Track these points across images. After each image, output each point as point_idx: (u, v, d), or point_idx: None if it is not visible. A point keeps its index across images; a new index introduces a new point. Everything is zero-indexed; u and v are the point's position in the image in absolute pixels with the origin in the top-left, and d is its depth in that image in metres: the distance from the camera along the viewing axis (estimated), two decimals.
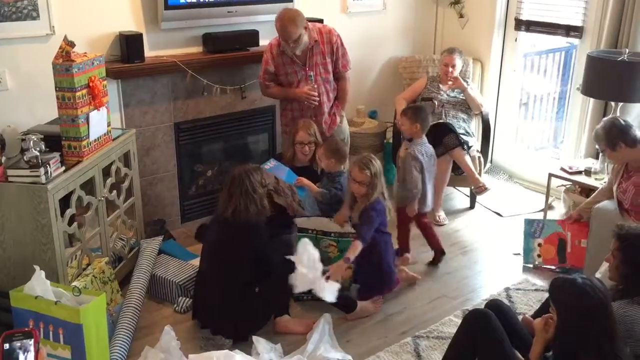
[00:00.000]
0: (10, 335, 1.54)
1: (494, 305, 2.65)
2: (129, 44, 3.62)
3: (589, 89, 3.92)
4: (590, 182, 3.89)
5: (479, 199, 4.55)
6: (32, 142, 2.77)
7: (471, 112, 4.56)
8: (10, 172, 2.79)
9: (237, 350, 2.74)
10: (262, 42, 4.13)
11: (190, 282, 3.33)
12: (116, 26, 3.69)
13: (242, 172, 3.04)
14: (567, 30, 4.50)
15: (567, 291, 2.13)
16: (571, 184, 4.10)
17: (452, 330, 2.83)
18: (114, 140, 3.31)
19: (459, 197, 4.77)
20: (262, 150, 4.53)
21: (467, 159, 4.24)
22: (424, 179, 3.68)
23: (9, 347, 1.53)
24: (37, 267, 2.62)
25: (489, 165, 4.90)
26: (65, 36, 2.93)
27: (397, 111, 4.37)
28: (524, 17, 4.75)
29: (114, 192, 3.35)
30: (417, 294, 3.48)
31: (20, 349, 1.53)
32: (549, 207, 4.29)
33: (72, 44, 2.91)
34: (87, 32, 3.56)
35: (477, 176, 4.26)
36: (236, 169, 3.09)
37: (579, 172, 4.00)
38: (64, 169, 2.90)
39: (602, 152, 3.59)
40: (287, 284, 2.91)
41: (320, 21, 4.15)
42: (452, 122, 4.37)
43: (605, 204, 3.45)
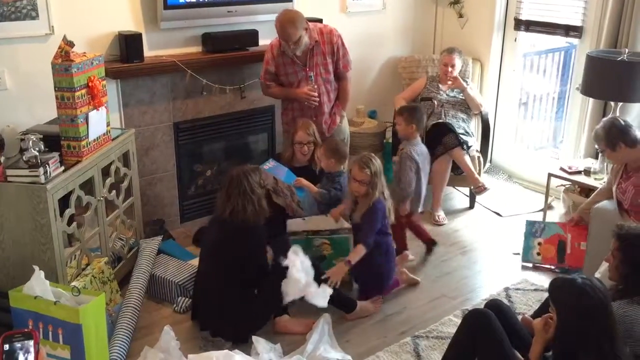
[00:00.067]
0: (10, 336, 1.53)
1: (493, 305, 2.65)
2: (128, 44, 3.62)
3: (589, 88, 3.91)
4: (589, 182, 3.89)
5: (479, 198, 4.55)
6: (31, 142, 2.76)
7: (471, 112, 4.56)
8: (9, 172, 2.79)
9: (237, 350, 2.73)
10: (261, 42, 4.13)
11: (189, 282, 3.33)
12: (115, 26, 3.69)
13: (240, 172, 3.04)
14: (567, 30, 4.50)
15: (566, 291, 2.13)
16: (570, 183, 4.10)
17: (452, 330, 2.83)
18: (113, 140, 3.31)
19: (458, 197, 4.76)
20: (261, 150, 4.52)
21: (467, 158, 4.24)
22: (420, 179, 3.68)
23: (9, 348, 1.52)
24: (36, 267, 2.61)
25: (488, 165, 4.90)
26: (64, 36, 2.93)
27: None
28: (523, 17, 4.75)
29: (113, 192, 3.35)
30: (416, 294, 3.48)
31: (20, 350, 1.52)
32: (548, 207, 4.28)
33: (71, 44, 2.90)
34: (87, 32, 3.56)
35: (477, 176, 4.27)
36: (234, 169, 3.09)
37: (579, 172, 3.99)
38: (63, 168, 2.90)
39: (601, 152, 3.59)
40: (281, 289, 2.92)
41: (319, 21, 4.15)
42: (451, 122, 4.37)
43: (604, 204, 3.45)
